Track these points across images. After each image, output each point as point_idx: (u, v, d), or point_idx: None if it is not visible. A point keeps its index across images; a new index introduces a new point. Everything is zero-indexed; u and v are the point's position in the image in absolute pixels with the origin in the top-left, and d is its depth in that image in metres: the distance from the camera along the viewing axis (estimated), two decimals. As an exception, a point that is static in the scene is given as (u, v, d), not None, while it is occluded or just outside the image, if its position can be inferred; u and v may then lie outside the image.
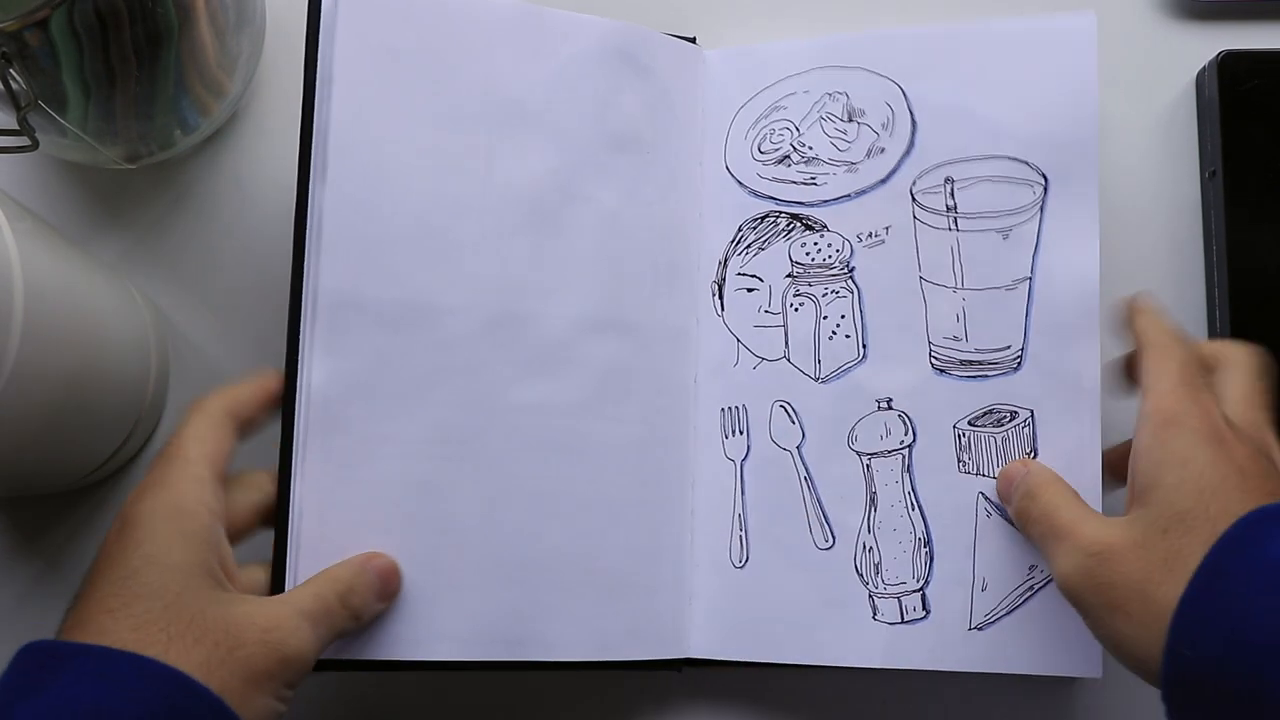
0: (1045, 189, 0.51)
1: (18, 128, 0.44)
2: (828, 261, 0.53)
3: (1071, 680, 0.53)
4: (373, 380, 0.47)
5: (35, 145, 0.44)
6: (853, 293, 0.52)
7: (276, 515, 0.46)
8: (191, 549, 0.41)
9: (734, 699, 0.54)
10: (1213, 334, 0.55)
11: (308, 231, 0.47)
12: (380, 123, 0.48)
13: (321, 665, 0.45)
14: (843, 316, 0.52)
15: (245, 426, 0.46)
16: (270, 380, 0.47)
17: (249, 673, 0.40)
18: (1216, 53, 0.55)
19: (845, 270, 0.52)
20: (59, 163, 0.56)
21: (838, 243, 0.53)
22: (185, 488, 0.42)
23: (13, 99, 0.43)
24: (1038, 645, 0.50)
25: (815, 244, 0.53)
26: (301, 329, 0.47)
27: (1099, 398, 0.50)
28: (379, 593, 0.45)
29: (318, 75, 0.48)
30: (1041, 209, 0.51)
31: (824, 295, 0.53)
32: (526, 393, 0.49)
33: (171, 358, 0.55)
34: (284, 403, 0.46)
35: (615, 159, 0.52)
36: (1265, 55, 0.55)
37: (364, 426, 0.47)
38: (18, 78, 0.43)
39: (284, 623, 0.41)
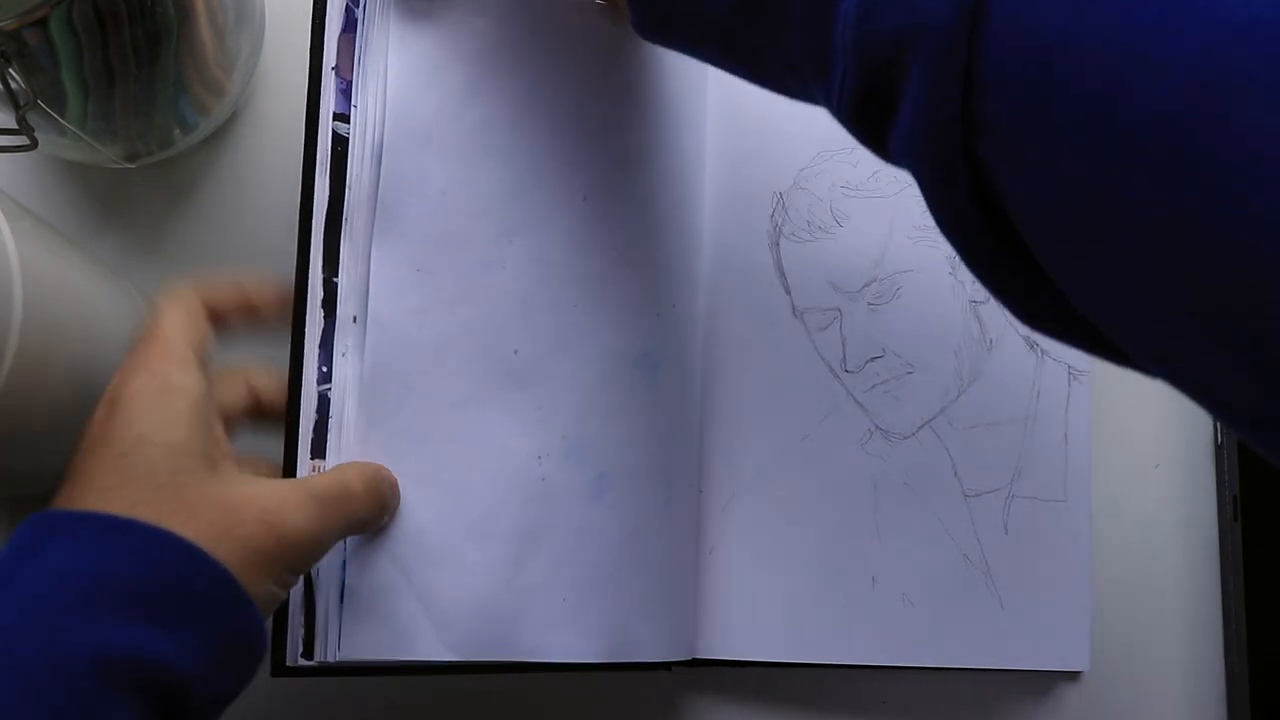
0: None
1: (17, 127, 0.44)
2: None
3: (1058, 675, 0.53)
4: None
5: (34, 144, 0.44)
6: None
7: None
8: (182, 428, 0.39)
9: (728, 696, 0.54)
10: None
11: (311, 227, 0.46)
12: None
13: (323, 670, 0.44)
14: None
15: (219, 325, 0.45)
16: (249, 288, 0.45)
17: (247, 552, 0.38)
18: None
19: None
20: (59, 162, 0.56)
21: None
22: (169, 368, 0.41)
23: (12, 98, 0.43)
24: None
25: None
26: (306, 324, 0.45)
27: None
28: (386, 503, 0.44)
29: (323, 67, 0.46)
30: None
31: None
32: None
33: (171, 357, 0.55)
34: (289, 396, 0.45)
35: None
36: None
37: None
38: (17, 77, 0.42)
39: (288, 501, 0.40)
